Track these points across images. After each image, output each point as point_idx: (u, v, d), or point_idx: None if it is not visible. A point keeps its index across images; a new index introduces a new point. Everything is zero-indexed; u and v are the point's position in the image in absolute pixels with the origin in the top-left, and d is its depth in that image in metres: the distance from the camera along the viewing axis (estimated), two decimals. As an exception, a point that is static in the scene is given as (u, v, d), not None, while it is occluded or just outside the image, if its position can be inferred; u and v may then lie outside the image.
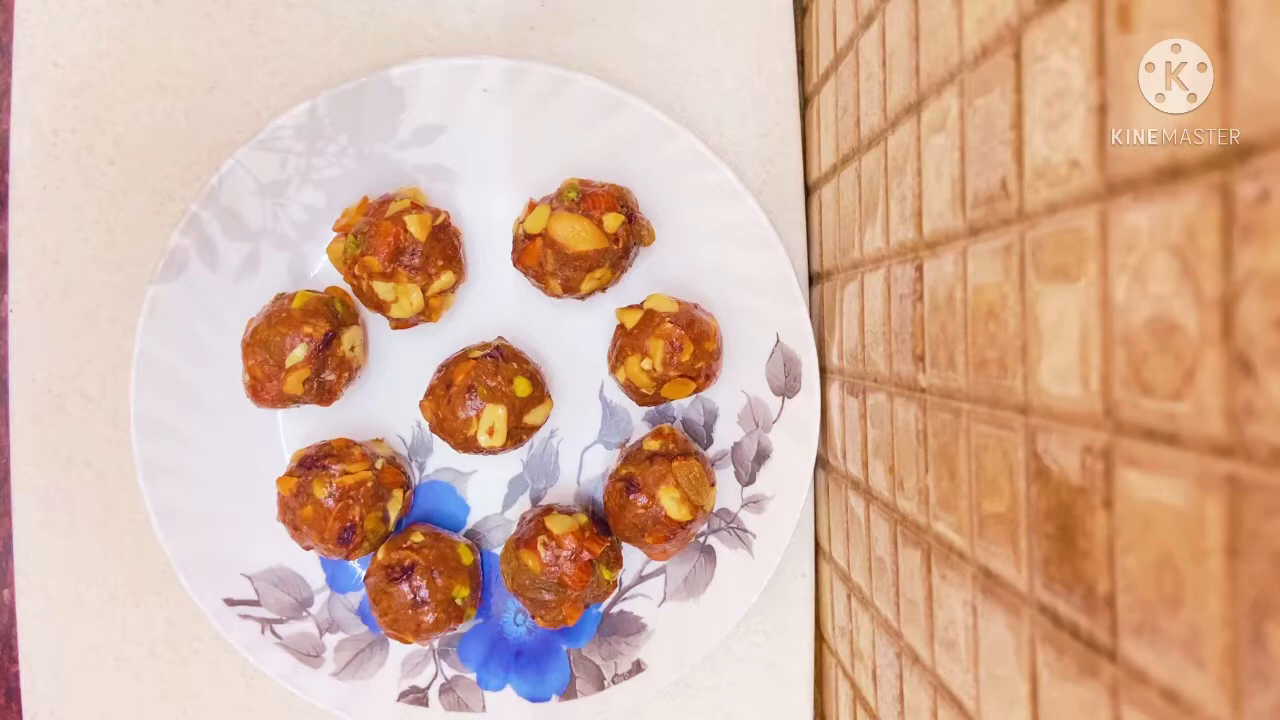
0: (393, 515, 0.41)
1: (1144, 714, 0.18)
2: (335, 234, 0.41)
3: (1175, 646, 0.17)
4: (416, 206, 0.40)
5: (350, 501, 0.39)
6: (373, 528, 0.40)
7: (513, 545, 0.41)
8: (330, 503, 0.39)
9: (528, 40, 0.44)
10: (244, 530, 0.42)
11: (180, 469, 0.42)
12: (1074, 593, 0.20)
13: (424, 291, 0.40)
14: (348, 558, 0.41)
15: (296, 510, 0.39)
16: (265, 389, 0.39)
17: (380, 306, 0.40)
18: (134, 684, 0.45)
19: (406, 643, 0.41)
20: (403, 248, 0.39)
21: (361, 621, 0.43)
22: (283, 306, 0.40)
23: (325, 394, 0.41)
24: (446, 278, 0.40)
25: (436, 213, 0.41)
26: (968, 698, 0.27)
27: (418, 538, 0.41)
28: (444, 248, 0.40)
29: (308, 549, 0.41)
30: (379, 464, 0.41)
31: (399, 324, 0.41)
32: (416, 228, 0.39)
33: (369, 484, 0.40)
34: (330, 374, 0.40)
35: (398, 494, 0.41)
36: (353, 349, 0.41)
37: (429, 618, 0.40)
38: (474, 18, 0.44)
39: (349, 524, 0.39)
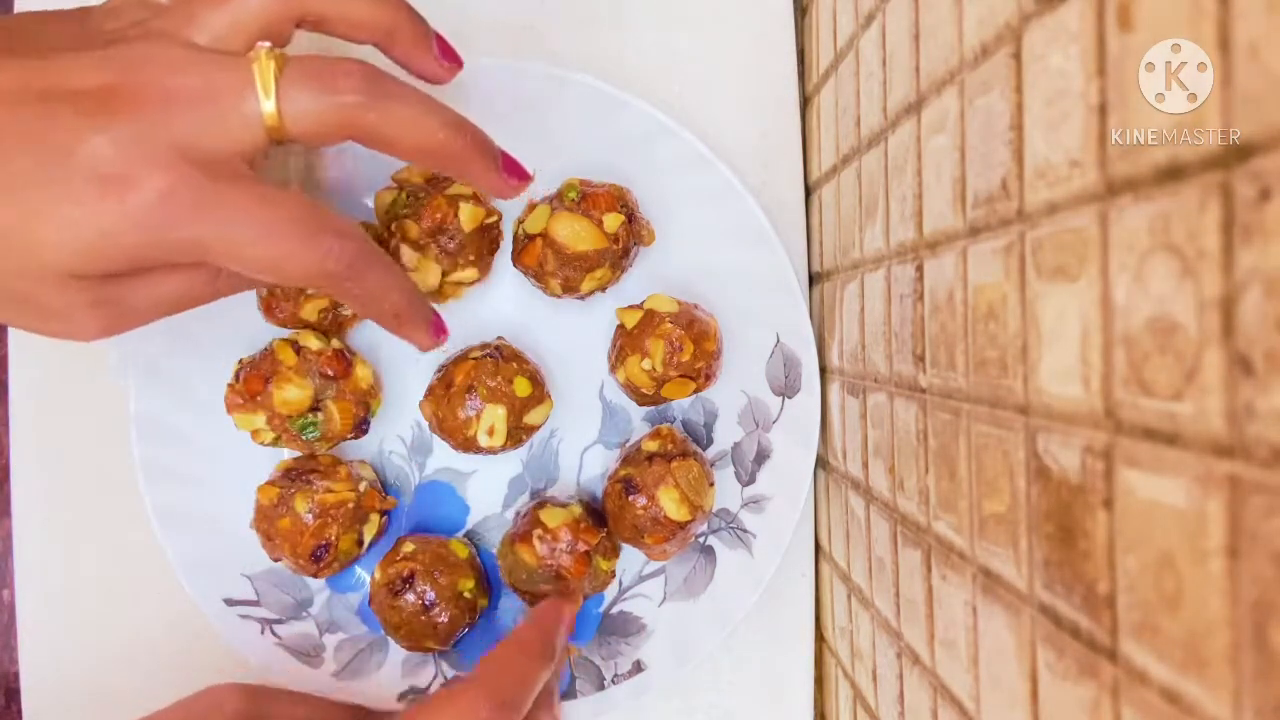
0: (367, 539, 0.41)
1: (1144, 714, 0.18)
2: (390, 183, 0.41)
3: (1175, 646, 0.17)
4: (477, 198, 0.40)
5: (329, 520, 0.39)
6: (346, 549, 0.40)
7: (509, 541, 0.41)
8: (309, 519, 0.39)
9: (527, 40, 0.44)
10: (244, 530, 0.42)
11: (180, 469, 0.42)
12: (1074, 593, 0.20)
13: (443, 276, 0.40)
14: (315, 575, 0.40)
15: (274, 521, 0.39)
16: (280, 308, 0.39)
17: None
18: (134, 684, 0.45)
19: (432, 651, 0.41)
20: (445, 229, 0.39)
21: (362, 622, 0.43)
22: None
23: (336, 327, 0.41)
24: (469, 273, 0.41)
25: (491, 211, 0.41)
26: (968, 698, 0.27)
27: (408, 547, 0.41)
28: (481, 246, 0.41)
29: (276, 560, 0.40)
30: (362, 486, 0.41)
31: None
32: (467, 217, 0.39)
33: (350, 505, 0.40)
34: (347, 309, 0.40)
35: (374, 518, 0.41)
36: None
37: (443, 617, 0.40)
38: (474, 18, 0.44)
39: (324, 543, 0.39)
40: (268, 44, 0.28)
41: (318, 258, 0.27)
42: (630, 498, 0.40)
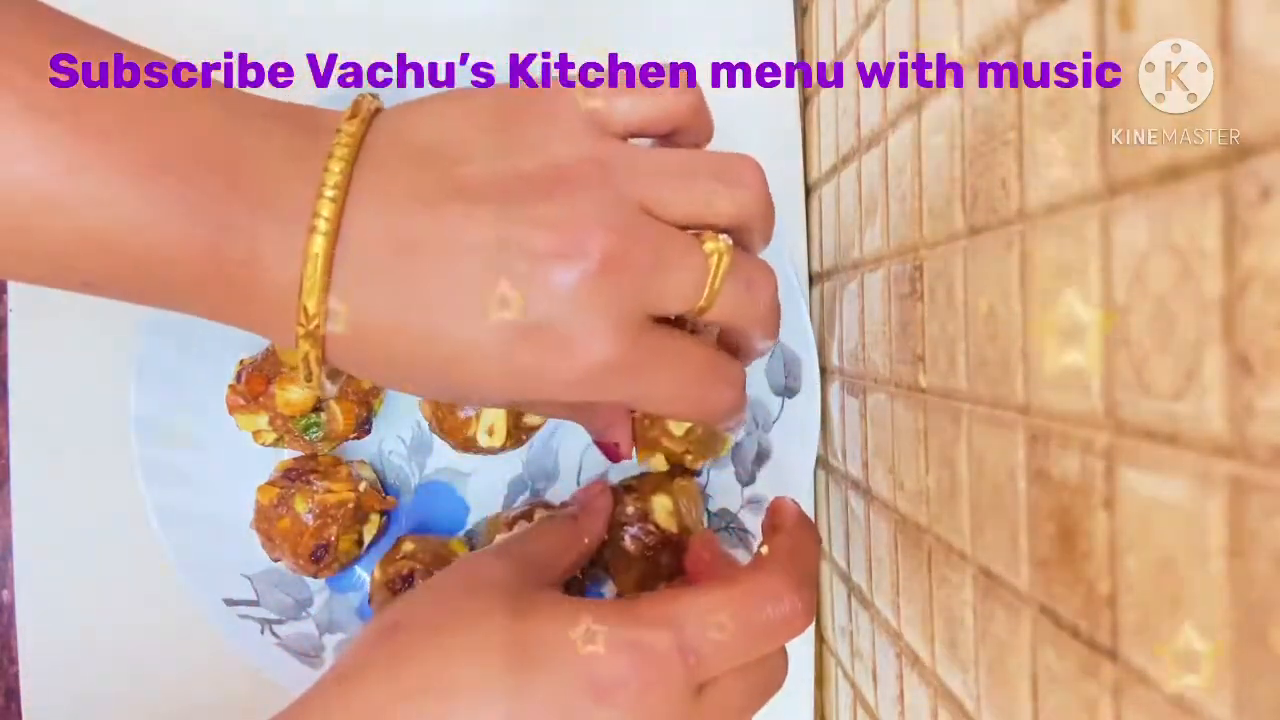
0: (367, 539, 0.41)
1: (1144, 714, 0.18)
2: None
3: (1175, 647, 0.17)
4: None
5: (329, 520, 0.39)
6: (346, 549, 0.40)
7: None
8: (309, 519, 0.39)
9: (528, 38, 0.44)
10: (244, 530, 0.42)
11: (180, 469, 0.42)
12: (1074, 593, 0.20)
13: None
14: (315, 575, 0.40)
15: (274, 521, 0.39)
16: None
17: None
18: (134, 684, 0.45)
19: None
20: None
21: (362, 621, 0.43)
22: None
23: None
24: None
25: None
26: (968, 698, 0.27)
27: (408, 546, 0.41)
28: None
29: (275, 560, 0.40)
30: (362, 486, 0.41)
31: None
32: None
33: (350, 505, 0.40)
34: None
35: (374, 519, 0.41)
36: None
37: None
38: (474, 15, 0.44)
39: (324, 543, 0.39)
40: (727, 240, 0.27)
41: (709, 408, 0.29)
42: (627, 497, 0.40)
